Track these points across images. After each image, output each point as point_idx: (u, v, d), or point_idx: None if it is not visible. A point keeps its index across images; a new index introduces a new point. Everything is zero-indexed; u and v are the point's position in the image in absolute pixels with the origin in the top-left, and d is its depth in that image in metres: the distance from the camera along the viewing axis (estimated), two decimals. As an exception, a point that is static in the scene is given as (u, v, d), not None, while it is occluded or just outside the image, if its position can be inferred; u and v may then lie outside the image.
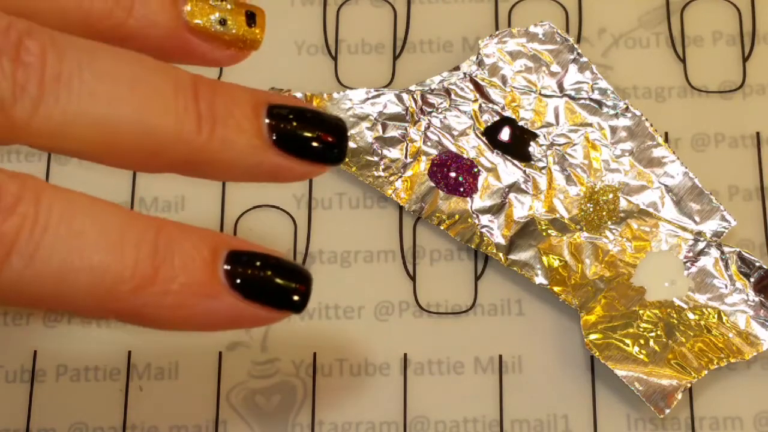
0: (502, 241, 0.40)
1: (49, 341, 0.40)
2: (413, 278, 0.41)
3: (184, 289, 0.29)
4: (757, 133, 0.43)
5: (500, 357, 0.40)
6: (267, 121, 0.31)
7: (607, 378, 0.39)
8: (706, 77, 0.43)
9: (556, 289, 0.40)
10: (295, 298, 0.30)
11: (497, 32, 0.43)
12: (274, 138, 0.31)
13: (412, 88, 0.42)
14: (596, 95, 0.42)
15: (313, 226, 0.42)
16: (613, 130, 0.41)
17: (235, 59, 0.33)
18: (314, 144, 0.31)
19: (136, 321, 0.30)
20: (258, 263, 0.30)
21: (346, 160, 0.42)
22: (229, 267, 0.29)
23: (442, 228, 0.41)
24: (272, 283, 0.30)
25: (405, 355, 0.40)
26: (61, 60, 0.28)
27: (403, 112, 0.42)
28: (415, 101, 0.42)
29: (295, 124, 0.31)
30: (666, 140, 0.42)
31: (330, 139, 0.31)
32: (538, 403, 0.40)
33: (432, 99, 0.42)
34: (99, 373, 0.40)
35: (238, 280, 0.29)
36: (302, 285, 0.30)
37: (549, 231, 0.40)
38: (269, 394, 0.40)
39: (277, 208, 0.42)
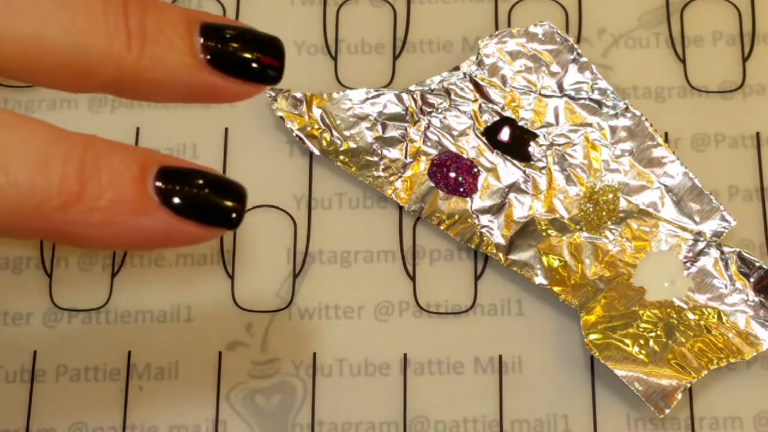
0: (502, 241, 0.40)
1: (49, 341, 0.40)
2: (413, 278, 0.41)
3: (112, 205, 0.28)
4: (757, 133, 0.43)
5: (500, 357, 0.40)
6: (201, 40, 0.30)
7: (607, 378, 0.39)
8: (706, 77, 0.43)
9: (556, 289, 0.40)
10: (233, 215, 0.29)
11: (497, 32, 0.43)
12: (208, 57, 0.30)
13: (412, 88, 0.42)
14: (596, 95, 0.42)
15: (313, 226, 0.42)
16: (613, 130, 0.41)
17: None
18: (251, 64, 0.31)
19: (64, 240, 0.29)
20: (191, 179, 0.29)
21: (346, 159, 0.42)
22: (160, 183, 0.29)
23: (442, 228, 0.41)
24: (206, 199, 0.29)
25: (405, 355, 0.40)
26: None
27: (403, 112, 0.42)
28: (415, 101, 0.42)
29: (230, 43, 0.30)
30: (666, 140, 0.42)
31: (266, 58, 0.31)
32: (538, 403, 0.40)
33: (432, 99, 0.42)
34: (99, 373, 0.40)
35: (170, 197, 0.29)
36: (238, 202, 0.30)
37: (549, 231, 0.40)
38: (269, 394, 0.40)
39: (277, 208, 0.42)
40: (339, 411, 0.40)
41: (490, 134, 0.42)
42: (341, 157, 0.42)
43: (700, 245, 0.40)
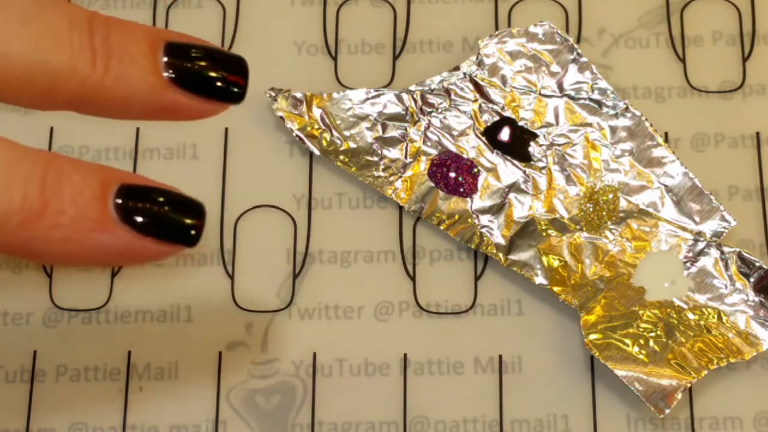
0: (502, 241, 0.40)
1: (49, 341, 0.40)
2: (413, 278, 0.41)
3: (74, 222, 0.29)
4: (757, 133, 0.43)
5: (500, 357, 0.40)
6: (165, 58, 0.30)
7: (607, 378, 0.39)
8: (706, 77, 0.43)
9: (555, 289, 0.40)
10: (192, 232, 0.30)
11: (497, 32, 0.43)
12: (173, 75, 0.30)
13: (412, 88, 0.42)
14: (596, 95, 0.42)
15: (313, 226, 0.42)
16: (613, 130, 0.41)
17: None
18: (215, 82, 0.31)
19: (26, 255, 0.29)
20: (150, 196, 0.30)
21: (346, 159, 0.42)
22: (120, 201, 0.29)
23: (441, 228, 0.41)
24: (165, 216, 0.30)
25: (405, 355, 0.40)
26: None
27: (403, 112, 0.42)
28: (415, 101, 0.42)
29: (194, 61, 0.31)
30: (666, 140, 0.42)
31: (231, 77, 0.31)
32: (538, 403, 0.40)
33: (432, 99, 0.42)
34: (99, 373, 0.40)
35: (130, 214, 0.29)
36: (197, 219, 0.30)
37: (549, 231, 0.40)
38: (269, 394, 0.40)
39: (277, 208, 0.42)
40: (339, 411, 0.40)
41: (490, 134, 0.42)
42: (341, 157, 0.42)
43: (700, 245, 0.40)
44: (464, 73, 0.42)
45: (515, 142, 0.41)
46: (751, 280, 0.39)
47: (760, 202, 0.42)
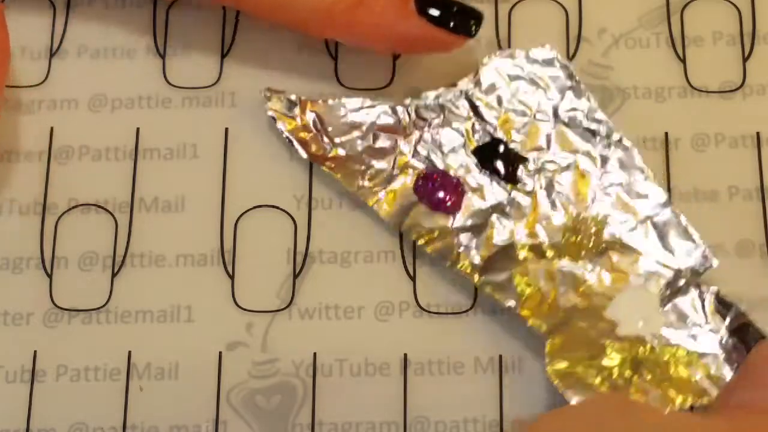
0: (479, 262, 0.40)
1: (49, 341, 0.40)
2: (413, 278, 0.41)
3: (384, 10, 0.39)
4: (757, 133, 0.43)
5: (500, 357, 0.40)
6: None
7: (607, 378, 0.39)
8: (706, 77, 0.43)
9: (524, 313, 0.39)
10: (474, 26, 0.40)
11: (498, 52, 0.42)
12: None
13: (407, 101, 0.42)
14: (591, 124, 0.41)
15: (313, 226, 0.42)
16: (604, 160, 0.41)
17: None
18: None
19: (346, 36, 0.41)
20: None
21: (332, 166, 0.41)
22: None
23: (420, 243, 0.41)
24: (455, 12, 0.40)
25: (405, 355, 0.40)
26: None
27: (396, 125, 0.42)
28: (409, 114, 0.42)
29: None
30: (666, 140, 0.42)
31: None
32: (538, 403, 0.39)
33: (426, 114, 0.42)
34: (99, 373, 0.40)
35: (427, 7, 0.39)
36: (478, 17, 0.40)
37: (527, 256, 0.40)
38: (269, 394, 0.40)
39: (277, 208, 0.42)
40: (339, 411, 0.40)
41: (481, 154, 0.41)
42: (328, 163, 0.41)
43: (679, 283, 0.39)
44: (461, 91, 0.42)
45: (504, 164, 0.41)
46: (727, 321, 0.39)
47: (760, 202, 0.42)
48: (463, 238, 0.40)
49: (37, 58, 0.44)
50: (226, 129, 0.43)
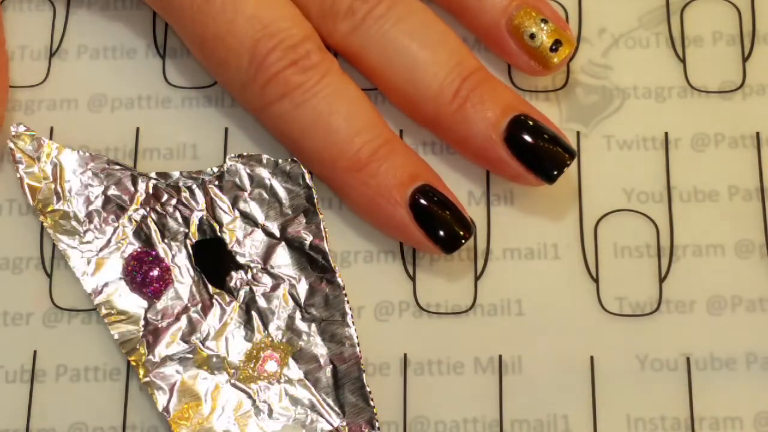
0: (155, 358, 0.39)
1: (49, 341, 0.40)
2: (413, 278, 0.41)
3: (378, 187, 0.39)
4: (757, 133, 0.43)
5: (500, 357, 0.40)
6: (509, 123, 0.39)
7: (607, 378, 0.39)
8: (706, 77, 0.43)
9: (174, 418, 0.38)
10: (462, 242, 0.39)
11: (247, 154, 0.41)
12: (507, 138, 0.39)
13: (153, 175, 0.41)
14: (313, 251, 0.41)
15: (313, 226, 0.42)
16: (312, 291, 0.40)
17: (532, 71, 0.41)
18: (541, 160, 0.39)
19: (338, 191, 0.40)
20: (437, 200, 0.39)
21: (55, 218, 0.40)
22: (416, 196, 0.39)
23: (106, 321, 0.40)
24: (446, 221, 0.39)
25: (405, 355, 0.40)
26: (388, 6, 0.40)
27: (130, 196, 0.41)
28: (146, 190, 0.41)
29: (532, 136, 0.39)
30: (666, 140, 0.42)
31: (551, 159, 0.39)
32: (538, 403, 0.40)
33: (162, 193, 0.41)
34: (99, 373, 0.40)
35: (416, 207, 0.39)
36: (467, 231, 0.39)
37: (202, 364, 0.39)
38: (269, 394, 0.40)
39: (277, 208, 0.42)
40: (339, 411, 0.40)
41: (197, 248, 0.40)
42: (48, 214, 0.41)
43: None
44: (203, 180, 0.41)
45: (217, 264, 0.40)
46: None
47: (760, 202, 0.42)
48: (151, 326, 0.40)
49: (36, 58, 0.44)
50: (226, 129, 0.43)
